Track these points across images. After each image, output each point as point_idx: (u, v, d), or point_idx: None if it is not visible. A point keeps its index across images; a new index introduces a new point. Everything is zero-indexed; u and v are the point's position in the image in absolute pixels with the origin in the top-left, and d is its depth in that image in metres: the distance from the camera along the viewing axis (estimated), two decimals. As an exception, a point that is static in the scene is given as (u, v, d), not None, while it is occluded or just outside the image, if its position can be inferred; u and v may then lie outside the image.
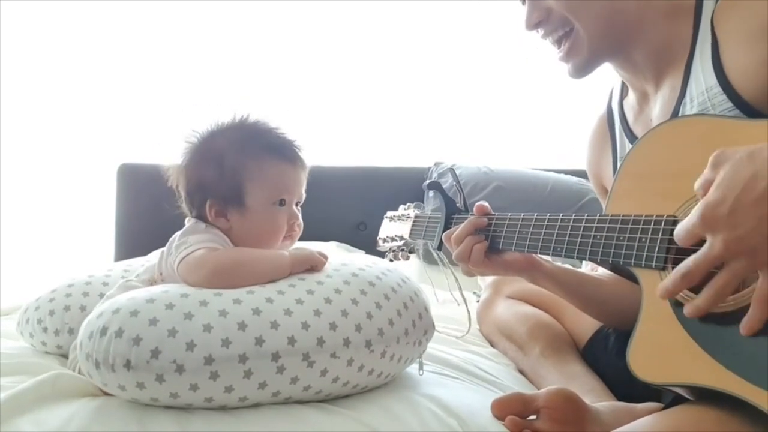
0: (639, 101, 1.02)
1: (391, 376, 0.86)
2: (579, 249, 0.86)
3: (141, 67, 2.32)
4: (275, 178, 0.93)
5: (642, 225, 0.78)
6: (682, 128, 0.81)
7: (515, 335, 1.17)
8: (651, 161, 0.84)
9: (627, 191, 0.86)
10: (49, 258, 2.19)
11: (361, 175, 2.40)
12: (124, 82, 2.31)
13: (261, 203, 0.92)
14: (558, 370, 1.05)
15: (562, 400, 0.79)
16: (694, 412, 0.70)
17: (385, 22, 2.50)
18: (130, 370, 0.69)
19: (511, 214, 1.00)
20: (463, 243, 1.00)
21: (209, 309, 0.74)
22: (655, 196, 0.80)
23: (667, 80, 0.95)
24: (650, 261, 0.77)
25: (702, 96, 0.87)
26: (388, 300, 0.84)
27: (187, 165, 0.94)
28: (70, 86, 2.28)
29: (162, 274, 0.92)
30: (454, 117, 2.55)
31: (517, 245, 0.96)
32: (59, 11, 2.25)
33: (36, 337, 1.05)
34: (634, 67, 0.99)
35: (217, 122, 0.95)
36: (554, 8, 0.94)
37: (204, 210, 0.92)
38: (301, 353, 0.74)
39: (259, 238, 0.93)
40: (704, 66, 0.88)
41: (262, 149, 0.93)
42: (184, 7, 2.35)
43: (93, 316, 0.75)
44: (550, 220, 0.91)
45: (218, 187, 0.91)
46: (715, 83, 0.86)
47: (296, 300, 0.78)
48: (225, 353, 0.71)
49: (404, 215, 1.29)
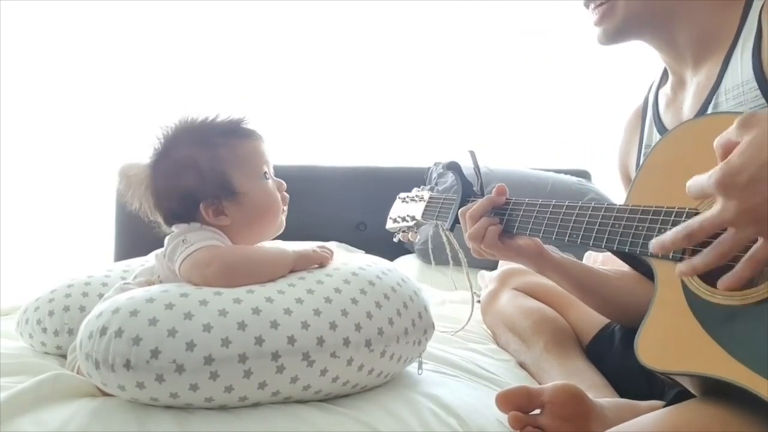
0: (674, 87, 1.02)
1: (390, 375, 0.85)
2: (596, 237, 0.85)
3: (142, 67, 2.32)
4: (250, 155, 0.94)
5: (663, 216, 0.77)
6: (711, 125, 0.78)
7: (519, 328, 1.17)
8: (677, 156, 0.82)
9: (650, 183, 0.85)
10: (49, 258, 2.19)
11: (361, 175, 2.40)
12: (125, 82, 2.31)
13: (250, 183, 0.93)
14: (560, 365, 1.05)
15: (567, 396, 0.79)
16: (697, 409, 0.70)
17: (386, 22, 2.50)
18: (129, 370, 0.69)
19: (529, 199, 0.99)
20: (478, 222, 0.99)
21: (209, 308, 0.73)
22: (678, 190, 0.76)
23: (705, 67, 0.94)
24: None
25: (737, 89, 0.86)
26: (388, 299, 0.84)
27: (158, 184, 0.92)
28: (70, 86, 2.28)
29: (160, 277, 0.91)
30: (454, 117, 2.55)
31: (533, 230, 0.95)
32: (60, 11, 2.25)
33: (35, 338, 1.05)
34: (675, 50, 0.98)
35: (163, 136, 0.94)
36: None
37: (197, 216, 0.91)
38: (301, 353, 0.74)
39: (263, 217, 0.94)
40: (744, 58, 0.87)
41: (225, 136, 0.93)
42: (184, 7, 2.36)
43: (92, 315, 0.75)
44: (569, 207, 0.91)
45: (205, 188, 0.90)
46: (751, 77, 0.85)
47: (296, 299, 0.78)
48: (225, 353, 0.70)
49: (418, 196, 1.28)
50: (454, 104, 2.56)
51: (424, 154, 2.46)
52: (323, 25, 2.47)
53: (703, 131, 0.79)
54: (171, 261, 0.87)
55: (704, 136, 0.78)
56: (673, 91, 1.03)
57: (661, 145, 0.85)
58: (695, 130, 0.82)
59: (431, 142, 2.54)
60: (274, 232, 0.98)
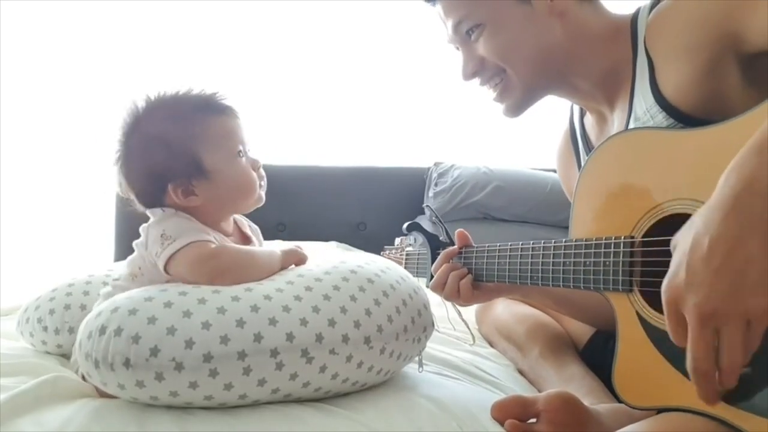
0: (598, 122, 1.05)
1: (390, 372, 0.85)
2: (553, 276, 0.88)
3: (142, 67, 2.32)
4: (223, 133, 0.90)
5: (603, 249, 0.80)
6: (622, 144, 0.83)
7: (514, 336, 1.17)
8: (601, 180, 0.86)
9: (586, 213, 0.88)
10: (49, 258, 2.19)
11: (361, 175, 2.40)
12: (126, 82, 2.31)
13: (223, 162, 0.89)
14: (557, 371, 1.04)
15: (561, 404, 0.79)
16: (691, 415, 0.70)
17: (386, 22, 2.50)
18: (129, 369, 0.69)
19: (489, 245, 1.02)
20: (447, 282, 1.03)
21: (208, 306, 0.73)
22: (612, 215, 0.82)
23: (619, 101, 0.97)
24: (617, 285, 0.79)
25: (645, 116, 0.90)
26: (387, 297, 0.83)
27: (127, 162, 0.89)
28: (70, 86, 2.28)
29: (141, 268, 0.89)
30: (454, 117, 2.55)
31: (499, 277, 0.99)
32: (60, 11, 2.26)
33: (36, 337, 1.05)
34: (583, 95, 1.02)
35: (134, 110, 0.90)
36: (486, 57, 0.98)
37: (166, 197, 0.88)
38: (300, 349, 0.74)
39: (237, 196, 0.91)
40: (643, 86, 0.90)
41: (196, 112, 0.89)
42: (185, 7, 2.36)
43: (91, 315, 0.75)
44: (523, 249, 0.94)
45: (173, 167, 0.87)
46: (653, 102, 0.88)
47: (294, 297, 0.78)
48: (224, 350, 0.70)
49: (399, 248, 1.33)
50: (455, 104, 2.56)
51: (424, 154, 2.46)
52: (323, 25, 2.47)
53: (615, 152, 0.84)
54: (152, 254, 0.85)
55: (618, 157, 0.83)
56: (598, 125, 1.05)
57: (583, 175, 0.89)
58: (608, 153, 0.85)
59: (431, 142, 2.54)
60: (251, 206, 0.95)
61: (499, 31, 0.97)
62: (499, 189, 2.25)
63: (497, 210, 2.25)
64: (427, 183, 2.37)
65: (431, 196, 2.29)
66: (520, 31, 0.96)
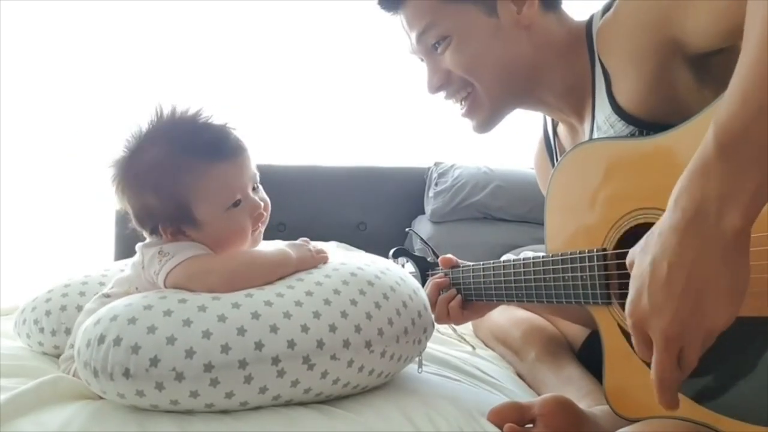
0: (570, 132, 1.06)
1: (391, 375, 0.85)
2: (536, 294, 0.90)
3: (142, 68, 2.32)
4: (220, 183, 0.84)
5: (579, 263, 0.81)
6: (584, 156, 0.85)
7: (510, 340, 1.17)
8: (568, 193, 0.87)
9: (558, 226, 0.89)
10: (49, 258, 2.18)
11: (361, 175, 2.40)
12: (126, 82, 2.31)
13: (214, 216, 0.85)
14: (555, 373, 1.04)
15: (557, 408, 0.80)
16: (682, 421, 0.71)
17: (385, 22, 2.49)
18: (129, 379, 0.69)
19: (473, 264, 1.04)
20: (437, 306, 1.04)
21: (208, 314, 0.73)
22: (582, 227, 0.84)
23: (586, 112, 0.97)
24: (596, 299, 0.80)
25: (605, 124, 0.90)
26: (387, 299, 0.83)
27: (123, 191, 0.86)
28: (70, 86, 2.28)
29: (138, 288, 0.86)
30: (454, 117, 2.54)
31: (487, 296, 1.00)
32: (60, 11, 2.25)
33: (33, 338, 1.05)
34: (551, 107, 1.02)
35: (132, 140, 0.86)
36: (453, 70, 0.98)
37: (159, 233, 0.87)
38: (301, 356, 0.73)
39: (225, 244, 0.87)
40: (601, 97, 0.91)
41: (195, 154, 0.83)
42: (185, 7, 2.35)
43: (90, 323, 0.74)
44: (506, 266, 0.95)
45: (164, 211, 0.84)
46: (611, 111, 0.89)
47: (295, 302, 0.77)
48: (225, 359, 0.70)
49: None
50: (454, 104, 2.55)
51: (424, 154, 2.46)
52: (323, 25, 2.47)
53: (579, 163, 0.85)
54: (150, 273, 0.84)
55: (581, 169, 0.85)
56: (571, 135, 1.06)
57: (551, 190, 0.90)
58: (571, 166, 0.87)
59: (431, 142, 2.54)
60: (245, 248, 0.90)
61: (466, 44, 0.96)
62: (499, 189, 2.25)
63: (497, 210, 2.25)
64: (427, 183, 2.36)
65: (431, 196, 2.29)
66: (488, 44, 0.95)
